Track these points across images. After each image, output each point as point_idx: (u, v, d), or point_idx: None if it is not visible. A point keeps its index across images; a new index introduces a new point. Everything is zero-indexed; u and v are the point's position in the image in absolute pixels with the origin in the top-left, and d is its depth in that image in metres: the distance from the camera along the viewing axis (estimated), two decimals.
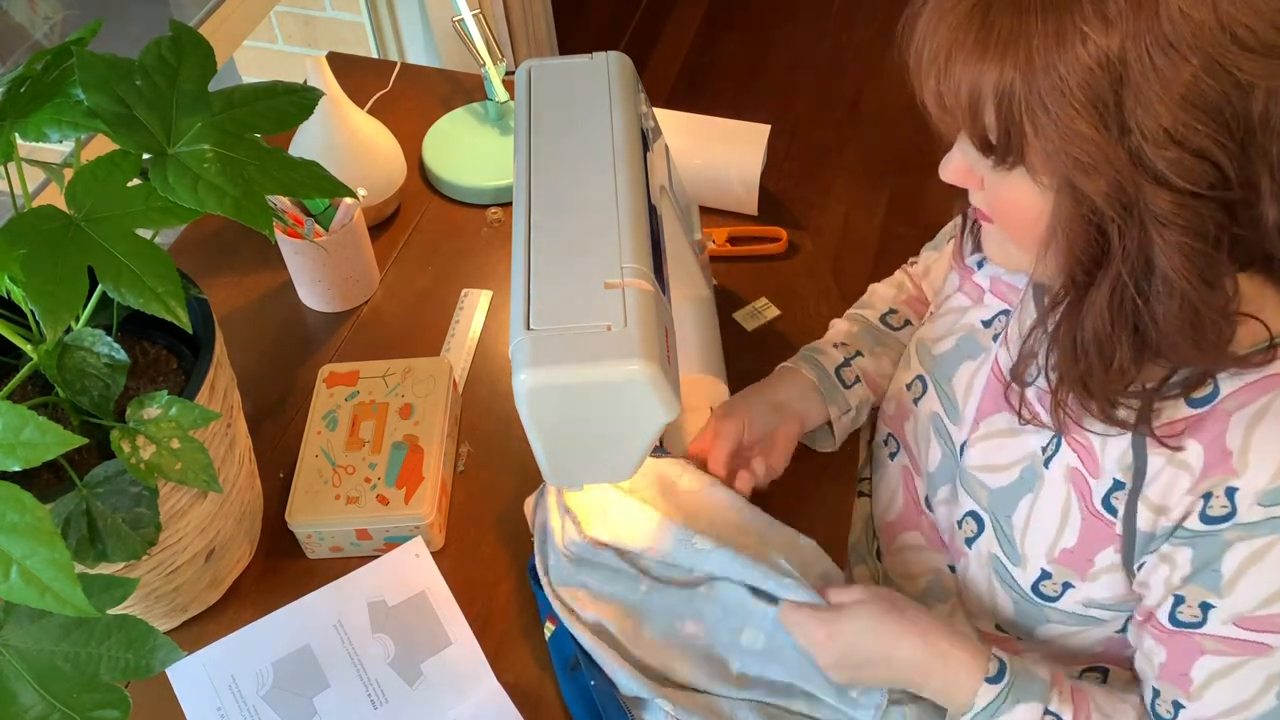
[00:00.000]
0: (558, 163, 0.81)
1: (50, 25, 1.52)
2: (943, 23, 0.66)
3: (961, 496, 0.90)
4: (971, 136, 0.69)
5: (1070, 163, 0.64)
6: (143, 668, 0.72)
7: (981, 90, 0.65)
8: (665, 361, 0.72)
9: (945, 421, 0.93)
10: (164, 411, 0.77)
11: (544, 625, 0.92)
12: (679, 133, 1.23)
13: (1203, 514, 0.71)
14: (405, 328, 1.18)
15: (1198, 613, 0.74)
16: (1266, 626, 0.71)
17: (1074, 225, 0.67)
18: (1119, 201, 0.64)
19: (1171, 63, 0.60)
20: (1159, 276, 0.66)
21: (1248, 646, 0.72)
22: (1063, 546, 0.80)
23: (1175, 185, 0.63)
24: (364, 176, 1.22)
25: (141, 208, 0.74)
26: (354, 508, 0.95)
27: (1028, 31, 0.63)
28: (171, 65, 0.80)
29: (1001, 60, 0.64)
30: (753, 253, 1.22)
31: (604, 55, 0.88)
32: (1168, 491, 0.73)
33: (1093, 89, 0.62)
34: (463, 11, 1.29)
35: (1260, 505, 0.69)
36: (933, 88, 0.68)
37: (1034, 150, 0.66)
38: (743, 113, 1.29)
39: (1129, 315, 0.68)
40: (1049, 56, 0.62)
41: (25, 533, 0.62)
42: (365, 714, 0.87)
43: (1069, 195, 0.66)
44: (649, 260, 0.75)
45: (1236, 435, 0.70)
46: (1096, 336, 0.70)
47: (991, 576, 0.87)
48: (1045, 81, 0.63)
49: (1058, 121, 0.63)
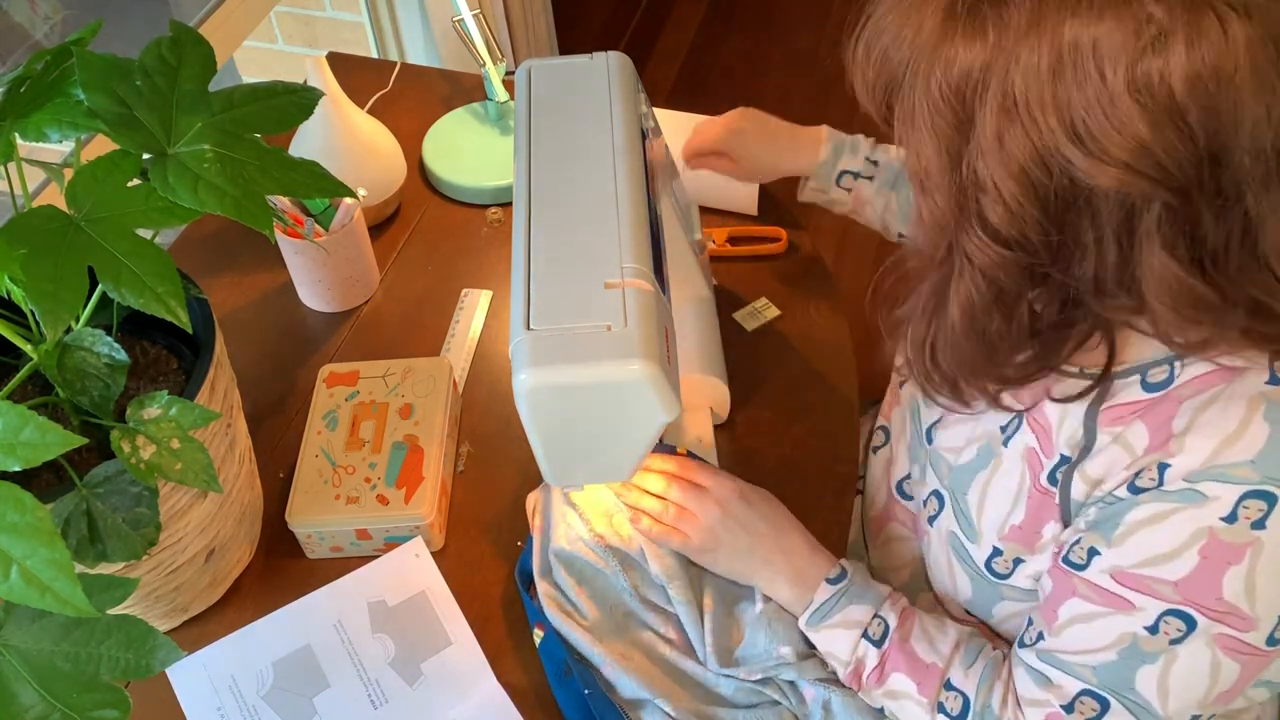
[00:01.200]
0: (558, 163, 0.81)
1: (50, 25, 1.52)
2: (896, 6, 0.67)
3: (929, 475, 0.92)
4: (875, 113, 0.71)
5: (918, 172, 0.67)
6: (143, 668, 0.72)
7: (890, 67, 0.67)
8: (665, 361, 0.72)
9: (920, 404, 0.96)
10: (164, 411, 0.77)
11: (532, 631, 0.92)
12: (679, 133, 1.23)
13: (1130, 485, 0.73)
14: (405, 328, 1.18)
15: (1084, 557, 0.75)
16: (1138, 586, 0.72)
17: (920, 219, 0.70)
18: (944, 225, 0.67)
19: (1010, 125, 0.60)
20: (951, 302, 0.70)
21: (1114, 600, 0.73)
22: (1012, 523, 0.82)
23: (991, 234, 0.65)
24: (364, 176, 1.22)
25: (141, 208, 0.74)
26: (354, 508, 0.95)
27: (928, 22, 0.63)
28: (171, 65, 0.80)
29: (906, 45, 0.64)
30: (753, 253, 1.22)
31: (604, 55, 0.88)
32: (1107, 467, 0.74)
33: (951, 109, 0.63)
34: (463, 11, 1.29)
35: (1184, 480, 0.70)
36: (861, 52, 0.70)
37: (903, 142, 0.68)
38: None
39: (932, 322, 0.72)
40: (935, 55, 0.62)
41: (25, 533, 0.62)
42: (365, 714, 0.87)
43: (920, 194, 0.69)
44: (649, 260, 0.75)
45: (1183, 420, 0.70)
46: (926, 332, 0.74)
47: (950, 555, 0.89)
48: (924, 84, 0.64)
49: (917, 130, 0.65)
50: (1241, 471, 0.67)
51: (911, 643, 0.84)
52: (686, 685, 0.88)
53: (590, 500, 0.94)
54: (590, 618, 0.90)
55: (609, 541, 0.92)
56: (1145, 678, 0.73)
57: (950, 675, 0.82)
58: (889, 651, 0.84)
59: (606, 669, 0.87)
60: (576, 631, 0.89)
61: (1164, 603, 0.71)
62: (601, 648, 0.87)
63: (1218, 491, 0.68)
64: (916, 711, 0.83)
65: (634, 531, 0.92)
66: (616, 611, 0.91)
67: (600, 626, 0.89)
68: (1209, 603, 0.70)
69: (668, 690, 0.86)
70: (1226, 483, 0.68)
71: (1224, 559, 0.69)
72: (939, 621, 0.86)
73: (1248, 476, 0.67)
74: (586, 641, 0.88)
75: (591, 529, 0.93)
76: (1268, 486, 0.67)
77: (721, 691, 0.87)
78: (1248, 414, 0.68)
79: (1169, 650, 0.72)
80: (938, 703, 0.82)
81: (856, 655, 0.84)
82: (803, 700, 0.87)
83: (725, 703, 0.87)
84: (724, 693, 0.87)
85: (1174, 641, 0.71)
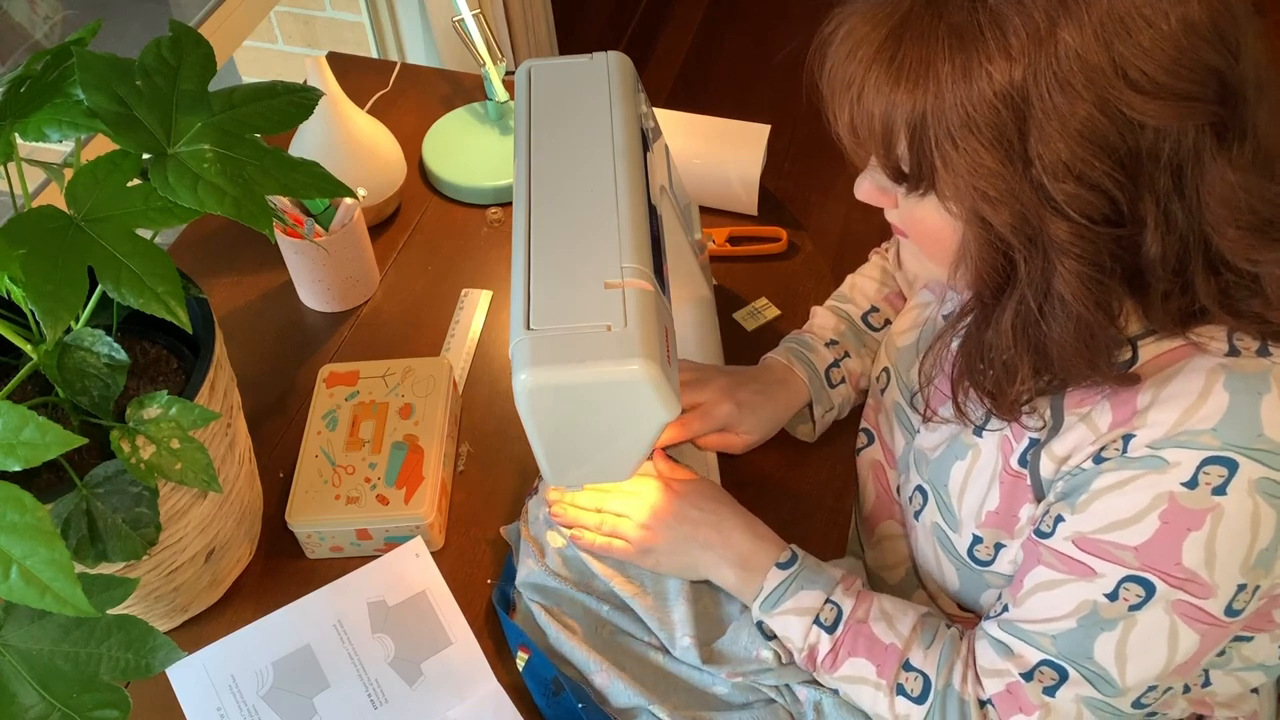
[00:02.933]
0: (558, 163, 0.81)
1: (50, 25, 1.52)
2: (854, 53, 0.69)
3: (911, 473, 0.93)
4: (884, 166, 0.72)
5: (977, 195, 0.68)
6: (143, 668, 0.72)
7: (893, 122, 0.68)
8: (665, 361, 0.72)
9: (906, 410, 0.96)
10: (164, 411, 0.77)
11: (515, 656, 0.90)
12: (679, 133, 1.23)
13: (1096, 456, 0.74)
14: (405, 328, 1.18)
15: (1050, 525, 0.77)
16: (1099, 552, 0.73)
17: (982, 251, 0.71)
18: (1023, 231, 0.68)
19: (1068, 100, 0.64)
20: (1057, 301, 0.70)
21: (1075, 566, 0.75)
22: (987, 509, 0.83)
23: (1073, 217, 0.66)
24: (364, 176, 1.22)
25: (141, 208, 0.74)
26: (354, 508, 0.95)
27: (936, 66, 0.65)
28: (171, 65, 0.80)
29: (912, 94, 0.67)
30: (753, 253, 1.22)
31: (604, 55, 0.88)
32: (1074, 445, 0.76)
33: (997, 124, 0.65)
34: (463, 11, 1.29)
35: (1148, 448, 0.71)
36: (846, 118, 0.72)
37: (943, 181, 0.69)
38: (743, 113, 1.29)
39: (1030, 335, 0.72)
40: (957, 92, 0.65)
41: (25, 533, 0.62)
42: (365, 714, 0.87)
43: (977, 224, 0.70)
44: (649, 260, 0.75)
45: (1146, 396, 0.72)
46: (1001, 351, 0.74)
47: (936, 547, 0.90)
48: (954, 116, 0.66)
49: (965, 155, 0.66)
50: (1203, 438, 0.69)
51: (870, 624, 0.84)
52: (679, 689, 0.87)
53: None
54: (578, 632, 0.90)
55: (556, 571, 0.93)
56: (1104, 645, 0.74)
57: (910, 656, 0.82)
58: (843, 636, 0.84)
59: (599, 677, 0.87)
60: (564, 634, 0.89)
61: (1124, 569, 0.73)
62: (595, 654, 0.87)
63: (1179, 457, 0.70)
64: (874, 694, 0.83)
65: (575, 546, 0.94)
66: (600, 629, 0.91)
67: (588, 638, 0.90)
68: (1168, 569, 0.71)
69: (660, 695, 0.86)
70: (1188, 449, 0.69)
71: (1184, 524, 0.70)
72: (897, 603, 0.86)
73: (1209, 443, 0.69)
74: (577, 646, 0.88)
75: (541, 561, 0.93)
76: (1228, 453, 0.69)
77: (716, 692, 0.87)
78: (1208, 384, 0.70)
79: (1128, 617, 0.73)
80: (897, 684, 0.82)
81: (809, 641, 0.84)
82: (796, 699, 0.87)
83: (720, 704, 0.87)
84: (719, 693, 0.87)
85: (1133, 608, 0.73)
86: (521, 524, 0.97)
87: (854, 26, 0.69)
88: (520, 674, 0.89)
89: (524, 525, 0.97)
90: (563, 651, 0.89)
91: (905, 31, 0.66)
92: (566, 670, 0.88)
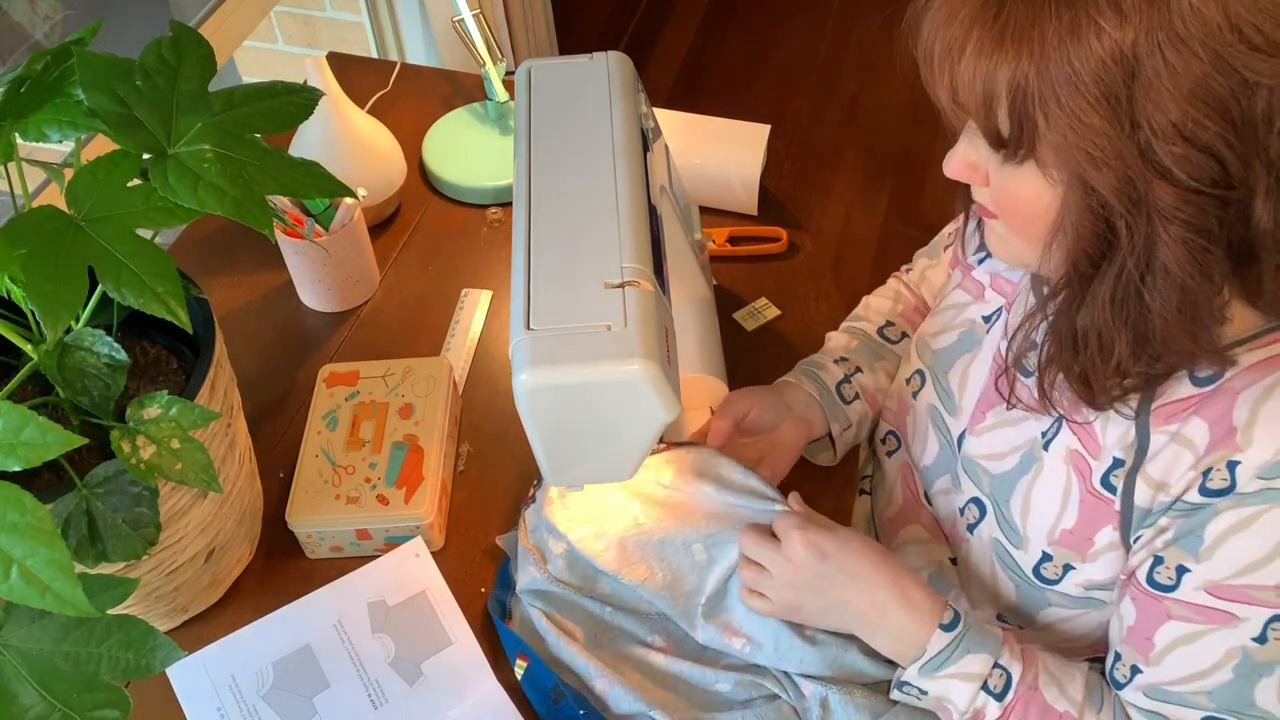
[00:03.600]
0: (558, 163, 0.81)
1: (50, 25, 1.52)
2: (954, 17, 0.67)
3: (964, 484, 0.90)
4: (984, 131, 0.69)
5: (1081, 156, 0.65)
6: (143, 668, 0.72)
7: (996, 84, 0.66)
8: (665, 361, 0.72)
9: (943, 413, 0.94)
10: (164, 411, 0.77)
11: (514, 665, 0.89)
12: (679, 133, 1.23)
13: (1202, 487, 0.71)
14: (405, 328, 1.18)
15: (1173, 575, 0.74)
16: (1237, 597, 0.71)
17: (1082, 218, 0.68)
18: (1127, 196, 0.65)
19: (1182, 58, 0.61)
20: (1160, 270, 0.67)
21: (1215, 615, 0.72)
22: (1063, 528, 0.81)
23: (1181, 181, 0.64)
24: (364, 176, 1.22)
25: (141, 208, 0.74)
26: (354, 508, 0.95)
27: (1042, 25, 0.63)
28: (171, 65, 0.80)
29: (1017, 54, 0.64)
30: (753, 253, 1.22)
31: (604, 55, 0.88)
32: (1169, 468, 0.73)
33: (1106, 83, 0.63)
34: (463, 11, 1.29)
35: (1260, 478, 0.69)
36: (946, 83, 0.69)
37: (1045, 144, 0.66)
38: (743, 113, 1.29)
39: (1130, 308, 0.69)
40: (1064, 50, 0.63)
41: (25, 533, 0.62)
42: (365, 714, 0.87)
43: (1078, 189, 0.67)
44: (649, 260, 0.75)
45: (1243, 412, 0.69)
46: (1097, 328, 0.71)
47: (994, 562, 0.87)
48: (1059, 75, 0.63)
49: (1070, 115, 0.64)
50: None
51: (1040, 690, 0.79)
52: (681, 691, 0.87)
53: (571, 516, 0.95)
54: (579, 638, 0.90)
55: (560, 576, 0.93)
56: (1265, 690, 0.71)
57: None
58: (1014, 704, 0.79)
59: (599, 683, 0.87)
60: (564, 640, 0.89)
61: (1268, 609, 0.70)
62: (595, 660, 0.87)
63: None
64: None
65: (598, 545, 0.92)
66: (601, 634, 0.91)
67: (589, 644, 0.89)
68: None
69: (662, 700, 0.86)
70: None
71: None
72: (1062, 662, 0.82)
73: None
74: (578, 652, 0.88)
75: (544, 567, 0.93)
76: None
77: (718, 689, 0.87)
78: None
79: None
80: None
81: (975, 706, 0.80)
82: (801, 694, 0.87)
83: (723, 702, 0.87)
84: (722, 690, 0.87)
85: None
86: (520, 532, 0.97)
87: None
88: (519, 682, 0.89)
89: (523, 533, 0.96)
90: (562, 658, 0.89)
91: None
92: (566, 677, 0.88)
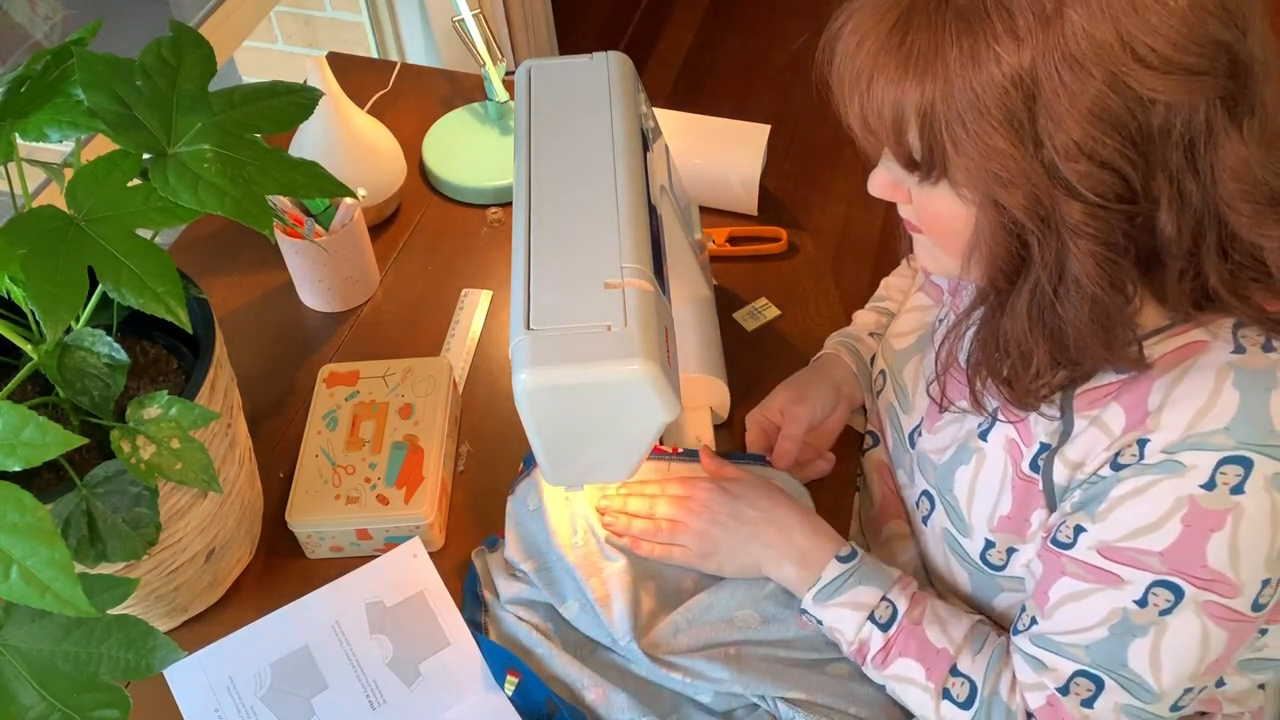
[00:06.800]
0: (558, 163, 0.81)
1: (50, 25, 1.52)
2: (862, 45, 0.69)
3: (916, 478, 0.94)
4: (896, 155, 0.72)
5: (990, 177, 0.68)
6: (143, 668, 0.72)
7: (904, 110, 0.68)
8: (665, 361, 0.72)
9: (898, 411, 0.98)
10: (164, 411, 0.77)
11: (504, 681, 0.87)
12: (679, 133, 1.23)
13: (1113, 463, 0.74)
14: (405, 328, 1.18)
15: (1070, 535, 0.77)
16: (1124, 559, 0.74)
17: (995, 235, 0.71)
18: (1036, 213, 0.68)
19: (1078, 79, 0.63)
20: (1072, 282, 0.70)
21: (1102, 575, 0.75)
22: (1000, 514, 0.83)
23: (1086, 198, 0.66)
24: (364, 176, 1.22)
25: (141, 208, 0.74)
26: (354, 508, 0.95)
27: (945, 52, 0.65)
28: (171, 65, 0.80)
29: (921, 81, 0.66)
30: (753, 253, 1.22)
31: (604, 55, 0.88)
32: (1087, 451, 0.76)
33: (1008, 106, 0.65)
34: (463, 11, 1.29)
35: (1164, 451, 0.71)
36: (857, 110, 0.71)
37: (956, 166, 0.69)
38: (743, 113, 1.29)
39: (1046, 319, 0.72)
40: (966, 76, 0.65)
41: (25, 533, 0.62)
42: (363, 715, 0.87)
43: (990, 207, 0.70)
44: (649, 260, 0.75)
45: (1157, 397, 0.72)
46: (1017, 337, 0.74)
47: (946, 551, 0.90)
48: (963, 100, 0.65)
49: (976, 138, 0.66)
50: (1217, 439, 0.69)
51: (923, 626, 0.84)
52: (665, 698, 0.87)
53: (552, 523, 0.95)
54: (569, 648, 0.90)
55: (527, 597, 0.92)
56: (1137, 652, 0.74)
57: (959, 661, 0.83)
58: (895, 636, 0.84)
59: (591, 693, 0.86)
60: (555, 651, 0.88)
61: (1151, 574, 0.73)
62: (586, 670, 0.87)
63: (1195, 460, 0.70)
64: (921, 696, 0.83)
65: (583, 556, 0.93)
66: (580, 648, 0.90)
67: (577, 654, 0.89)
68: (1195, 571, 0.71)
69: (651, 703, 0.86)
70: (1203, 450, 0.70)
71: (1206, 526, 0.70)
72: (954, 610, 0.87)
73: (1223, 443, 0.69)
74: (568, 662, 0.87)
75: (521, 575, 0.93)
76: (1243, 451, 0.69)
77: (700, 700, 0.87)
78: (1217, 383, 0.70)
79: (1159, 622, 0.73)
80: (944, 689, 0.82)
81: (860, 636, 0.85)
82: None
83: (704, 710, 0.86)
84: (703, 700, 0.87)
85: (1163, 612, 0.73)
86: (509, 539, 0.95)
87: (861, 19, 0.69)
88: (511, 699, 0.87)
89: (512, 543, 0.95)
90: (553, 670, 0.88)
91: (912, 19, 0.66)
92: (558, 689, 0.87)
